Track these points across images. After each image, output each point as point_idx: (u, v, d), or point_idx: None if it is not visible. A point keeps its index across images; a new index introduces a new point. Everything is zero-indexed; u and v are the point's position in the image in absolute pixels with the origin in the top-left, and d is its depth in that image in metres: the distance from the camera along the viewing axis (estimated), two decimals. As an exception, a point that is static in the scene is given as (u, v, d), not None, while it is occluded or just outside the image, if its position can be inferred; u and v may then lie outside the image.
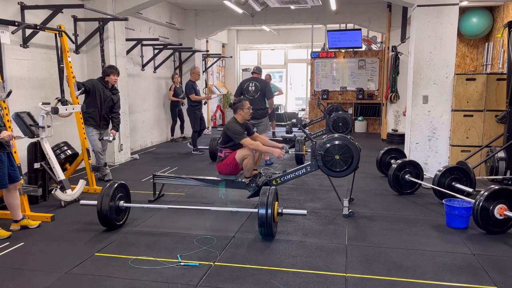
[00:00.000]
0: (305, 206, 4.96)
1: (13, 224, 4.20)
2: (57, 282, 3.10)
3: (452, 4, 5.88)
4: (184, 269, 3.30)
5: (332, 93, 12.55)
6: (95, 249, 3.70)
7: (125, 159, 7.77)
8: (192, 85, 8.44)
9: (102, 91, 5.95)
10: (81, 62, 7.14)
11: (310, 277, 3.17)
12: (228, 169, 4.96)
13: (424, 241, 3.90)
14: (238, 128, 4.93)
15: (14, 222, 4.19)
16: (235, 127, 4.92)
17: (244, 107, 5.04)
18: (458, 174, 5.03)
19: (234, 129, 4.91)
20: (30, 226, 4.23)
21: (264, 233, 3.87)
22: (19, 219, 4.20)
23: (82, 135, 5.59)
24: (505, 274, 3.23)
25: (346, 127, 8.72)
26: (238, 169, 4.99)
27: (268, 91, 7.26)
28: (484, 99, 5.98)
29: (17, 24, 4.98)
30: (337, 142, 4.55)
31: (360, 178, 5.99)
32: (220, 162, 5.02)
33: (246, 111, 5.06)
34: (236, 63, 15.25)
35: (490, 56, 8.97)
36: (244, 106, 5.03)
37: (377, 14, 10.36)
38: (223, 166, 4.99)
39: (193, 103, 8.43)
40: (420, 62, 6.05)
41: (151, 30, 9.48)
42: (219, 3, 9.13)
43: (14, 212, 4.19)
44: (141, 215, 4.61)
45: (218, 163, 5.07)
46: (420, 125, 6.14)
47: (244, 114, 5.06)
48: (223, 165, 4.99)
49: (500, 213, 3.94)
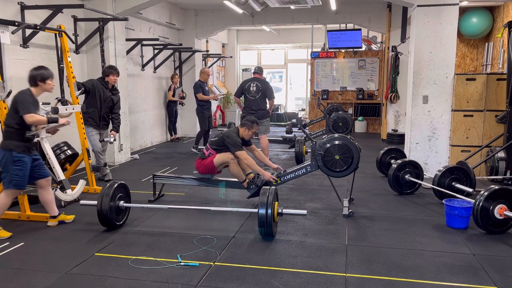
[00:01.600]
0: (305, 206, 4.96)
1: (51, 220, 4.27)
2: (57, 282, 3.10)
3: (452, 4, 5.88)
4: (184, 269, 3.30)
5: (332, 93, 12.55)
6: (95, 249, 3.70)
7: (125, 159, 7.77)
8: (200, 85, 8.41)
9: (102, 91, 5.94)
10: (81, 62, 7.14)
11: (310, 277, 3.17)
12: (205, 169, 5.02)
13: (424, 241, 3.90)
14: (238, 140, 4.95)
15: (52, 218, 4.26)
16: (235, 138, 4.94)
17: (252, 129, 5.05)
18: (458, 174, 5.03)
19: (234, 140, 4.92)
20: (66, 220, 4.33)
21: (264, 233, 3.87)
22: (57, 215, 4.29)
23: (82, 135, 5.59)
24: (505, 274, 3.23)
25: (346, 127, 8.72)
26: (214, 171, 5.03)
27: (269, 92, 7.26)
28: (484, 99, 5.98)
29: (17, 24, 4.98)
30: (337, 142, 4.55)
31: (360, 178, 5.99)
32: (201, 160, 5.04)
33: (250, 133, 5.07)
34: (236, 63, 15.24)
35: (490, 56, 8.97)
36: (253, 128, 5.05)
37: (377, 14, 10.37)
38: (202, 165, 5.03)
39: (201, 102, 8.41)
40: (420, 62, 6.05)
41: (151, 30, 9.48)
42: (219, 3, 9.13)
43: (51, 208, 4.23)
44: (141, 215, 4.61)
45: (198, 160, 5.08)
46: (420, 125, 6.14)
47: (247, 134, 5.07)
48: (201, 165, 5.03)
49: (500, 213, 3.94)
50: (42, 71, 3.98)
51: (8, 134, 3.88)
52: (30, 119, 3.79)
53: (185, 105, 10.55)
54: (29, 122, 3.81)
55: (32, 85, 3.97)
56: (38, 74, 3.94)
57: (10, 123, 3.88)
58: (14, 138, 3.86)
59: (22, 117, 3.82)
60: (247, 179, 4.95)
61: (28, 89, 3.95)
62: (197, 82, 8.53)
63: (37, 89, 3.97)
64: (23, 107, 3.79)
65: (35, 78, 3.94)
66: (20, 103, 3.80)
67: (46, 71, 4.01)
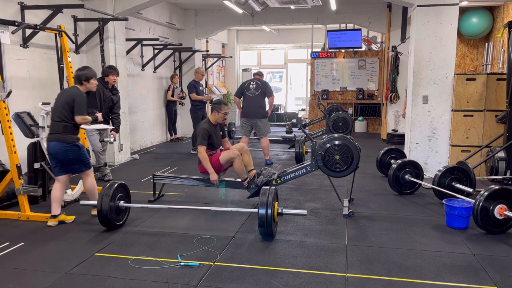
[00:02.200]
0: (305, 206, 4.96)
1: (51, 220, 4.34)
2: (57, 282, 3.10)
3: (452, 4, 5.88)
4: (184, 269, 3.30)
5: (332, 93, 12.55)
6: (95, 249, 3.70)
7: (125, 159, 7.77)
8: (194, 85, 8.42)
9: (102, 91, 5.94)
10: (81, 62, 7.13)
11: (310, 277, 3.17)
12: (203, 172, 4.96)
13: (424, 241, 3.90)
14: (203, 132, 4.87)
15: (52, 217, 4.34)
16: (202, 130, 4.88)
17: (221, 110, 4.99)
18: (458, 174, 5.03)
19: (200, 131, 4.89)
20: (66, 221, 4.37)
21: (264, 233, 3.87)
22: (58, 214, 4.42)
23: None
24: (505, 274, 3.23)
25: (346, 127, 8.72)
26: (221, 170, 5.01)
27: (269, 90, 7.27)
28: (484, 99, 5.98)
29: (17, 24, 4.98)
30: (337, 142, 4.55)
31: (360, 178, 5.99)
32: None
33: (221, 115, 5.01)
34: (236, 63, 15.24)
35: (490, 56, 8.97)
36: (221, 109, 4.98)
37: (377, 14, 10.37)
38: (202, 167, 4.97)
39: (195, 102, 8.43)
40: (420, 62, 6.05)
41: (151, 30, 9.48)
42: (219, 3, 9.13)
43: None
44: (141, 215, 4.61)
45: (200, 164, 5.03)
46: (420, 125, 6.14)
47: (219, 117, 5.02)
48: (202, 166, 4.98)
49: (500, 213, 3.94)
50: (86, 71, 4.43)
51: (65, 128, 4.25)
52: (80, 120, 4.27)
53: (185, 105, 10.55)
54: (78, 122, 4.29)
55: (78, 84, 4.40)
56: (82, 74, 4.39)
57: (69, 117, 4.25)
58: (71, 132, 4.30)
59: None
60: (248, 178, 4.95)
61: (77, 87, 4.39)
62: (191, 82, 8.54)
63: (83, 87, 4.42)
64: (79, 109, 4.26)
65: (80, 77, 4.38)
66: (77, 105, 4.25)
67: (90, 71, 4.46)
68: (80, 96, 4.29)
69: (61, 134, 4.22)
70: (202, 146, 4.87)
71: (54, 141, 4.23)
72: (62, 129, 4.22)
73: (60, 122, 4.22)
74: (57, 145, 4.21)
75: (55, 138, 4.23)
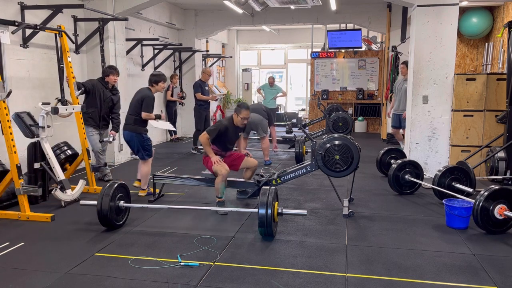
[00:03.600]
0: (305, 206, 4.96)
1: (141, 191, 5.36)
2: (57, 282, 3.10)
3: (452, 4, 5.88)
4: (184, 269, 3.30)
5: (332, 93, 12.55)
6: (95, 249, 3.70)
7: (125, 159, 7.77)
8: (200, 84, 8.41)
9: (102, 91, 5.94)
10: (81, 62, 7.14)
11: (310, 277, 3.17)
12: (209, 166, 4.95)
13: (424, 241, 3.90)
14: (219, 127, 4.86)
15: (142, 190, 5.35)
16: (219, 124, 4.92)
17: (240, 114, 4.92)
18: (458, 174, 5.03)
19: (217, 124, 5.00)
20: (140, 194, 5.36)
21: (264, 233, 3.87)
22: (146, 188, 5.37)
23: (82, 135, 5.59)
24: (505, 274, 3.23)
25: (346, 127, 8.72)
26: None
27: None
28: (484, 99, 5.98)
29: (17, 24, 4.98)
30: (337, 142, 4.55)
31: (360, 178, 5.99)
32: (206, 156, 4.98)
33: (239, 119, 4.94)
34: (236, 63, 15.25)
35: (490, 56, 8.97)
36: (240, 113, 4.92)
37: (377, 14, 10.37)
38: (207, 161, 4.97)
39: (199, 102, 8.40)
40: (420, 62, 6.05)
41: (151, 30, 9.48)
42: (219, 3, 9.13)
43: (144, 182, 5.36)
44: (141, 215, 4.62)
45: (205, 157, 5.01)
46: (420, 125, 6.14)
47: (237, 120, 4.96)
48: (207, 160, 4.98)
49: (500, 213, 3.94)
50: (156, 76, 5.28)
51: (135, 121, 5.18)
52: (145, 116, 5.17)
53: (185, 105, 10.55)
54: (143, 117, 5.17)
55: (150, 86, 5.27)
56: (152, 78, 5.27)
57: (139, 112, 5.16)
58: (140, 124, 5.20)
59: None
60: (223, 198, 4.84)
61: (149, 89, 5.25)
62: (197, 82, 8.53)
63: (153, 89, 5.28)
64: (147, 107, 5.16)
65: (151, 81, 5.28)
66: (146, 103, 5.15)
67: (159, 76, 5.29)
68: (149, 96, 5.17)
69: (132, 125, 5.19)
70: (206, 134, 4.84)
71: (127, 130, 5.22)
72: (133, 121, 5.18)
73: (132, 115, 5.19)
74: (128, 133, 5.21)
75: (127, 128, 5.22)
